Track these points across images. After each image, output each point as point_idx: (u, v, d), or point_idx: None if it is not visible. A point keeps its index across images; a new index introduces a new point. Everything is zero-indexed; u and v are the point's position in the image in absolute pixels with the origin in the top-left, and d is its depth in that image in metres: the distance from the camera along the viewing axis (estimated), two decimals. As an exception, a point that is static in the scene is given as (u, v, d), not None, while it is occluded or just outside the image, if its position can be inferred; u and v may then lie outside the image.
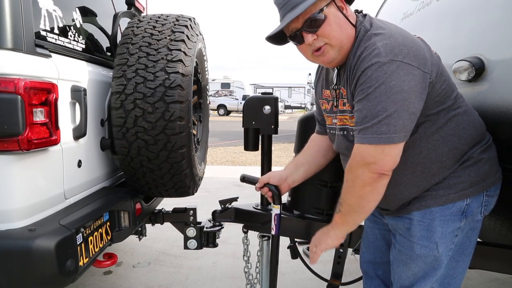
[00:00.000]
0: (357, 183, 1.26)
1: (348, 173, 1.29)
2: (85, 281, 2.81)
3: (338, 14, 1.28)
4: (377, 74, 1.17)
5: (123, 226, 1.98)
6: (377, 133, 1.18)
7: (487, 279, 2.92)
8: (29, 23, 1.48)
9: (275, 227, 1.78)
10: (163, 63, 1.88)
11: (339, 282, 2.00)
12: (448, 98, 1.30)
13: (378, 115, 1.17)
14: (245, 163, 8.05)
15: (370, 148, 1.21)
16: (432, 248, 1.34)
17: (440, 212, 1.33)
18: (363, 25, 1.30)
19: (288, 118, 24.98)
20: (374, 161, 1.21)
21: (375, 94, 1.17)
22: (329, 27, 1.27)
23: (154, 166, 1.96)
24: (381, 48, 1.19)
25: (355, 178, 1.26)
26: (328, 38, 1.28)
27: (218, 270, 3.06)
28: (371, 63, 1.19)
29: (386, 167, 1.22)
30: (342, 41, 1.29)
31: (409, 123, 1.20)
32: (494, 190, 1.38)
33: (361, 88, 1.21)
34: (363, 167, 1.23)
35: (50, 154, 1.58)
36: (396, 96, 1.16)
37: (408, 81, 1.17)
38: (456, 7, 1.90)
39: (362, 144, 1.22)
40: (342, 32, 1.28)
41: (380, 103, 1.17)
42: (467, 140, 1.33)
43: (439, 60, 1.32)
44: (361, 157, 1.23)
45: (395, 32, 1.24)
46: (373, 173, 1.22)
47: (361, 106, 1.22)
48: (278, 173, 1.72)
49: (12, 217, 1.43)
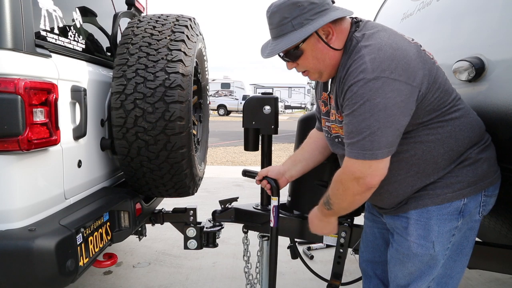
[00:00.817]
0: (348, 193, 1.33)
1: (338, 183, 1.35)
2: (85, 281, 2.81)
3: (317, 46, 1.30)
4: (362, 91, 1.18)
5: (123, 226, 1.98)
6: (362, 149, 1.22)
7: (487, 279, 2.92)
8: (29, 23, 1.48)
9: (273, 219, 1.83)
10: (163, 63, 1.88)
11: (339, 282, 2.00)
12: (442, 105, 1.29)
13: (362, 132, 1.20)
14: (245, 163, 8.05)
15: (358, 164, 1.25)
16: (429, 247, 1.34)
17: (437, 211, 1.33)
18: (355, 36, 1.29)
19: (288, 118, 24.99)
20: (363, 176, 1.25)
21: (360, 111, 1.19)
22: (306, 60, 1.34)
23: (154, 166, 1.96)
24: (368, 63, 1.18)
25: (345, 189, 1.32)
26: (306, 68, 1.37)
27: (218, 270, 3.06)
28: (358, 79, 1.19)
29: (374, 182, 1.27)
30: (321, 68, 1.35)
31: (393, 139, 1.22)
32: (492, 190, 1.38)
33: (347, 103, 1.24)
34: (353, 181, 1.28)
35: (50, 154, 1.58)
36: (380, 113, 1.17)
37: (393, 98, 1.17)
38: (456, 7, 1.90)
39: (350, 158, 1.26)
40: (319, 62, 1.33)
41: (365, 121, 1.19)
42: (464, 141, 1.33)
43: (433, 66, 1.28)
44: (350, 172, 1.28)
45: (386, 43, 1.21)
46: (361, 186, 1.28)
47: (347, 121, 1.25)
48: (276, 167, 1.80)
49: (12, 217, 1.43)
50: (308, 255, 3.30)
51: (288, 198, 2.24)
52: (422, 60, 1.24)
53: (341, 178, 1.33)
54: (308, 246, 3.45)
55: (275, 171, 1.78)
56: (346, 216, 2.05)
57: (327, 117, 1.50)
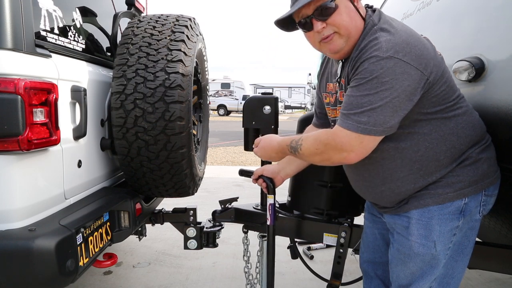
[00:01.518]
0: (323, 157, 1.32)
1: (320, 144, 1.32)
2: (85, 281, 2.81)
3: (349, 5, 1.30)
4: (373, 68, 1.19)
5: (123, 226, 1.98)
6: (357, 122, 1.21)
7: (487, 279, 2.92)
8: (29, 23, 1.48)
9: (270, 217, 1.82)
10: (163, 63, 1.88)
11: (339, 282, 2.00)
12: (447, 100, 1.31)
13: (363, 106, 1.20)
14: (245, 163, 8.05)
15: (349, 136, 1.23)
16: (430, 247, 1.34)
17: (438, 210, 1.33)
18: (372, 19, 1.31)
19: (288, 118, 24.99)
20: (349, 150, 1.25)
21: (366, 86, 1.20)
22: (340, 16, 1.28)
23: (154, 166, 1.96)
24: (383, 43, 1.20)
25: (323, 152, 1.31)
26: (338, 27, 1.30)
27: (218, 270, 3.06)
28: (370, 56, 1.20)
29: (358, 158, 1.27)
30: (351, 32, 1.30)
31: (390, 120, 1.21)
32: (492, 189, 1.39)
33: (355, 77, 1.24)
34: (337, 151, 1.27)
35: (50, 154, 1.58)
36: (385, 92, 1.18)
37: (402, 80, 1.18)
38: (456, 7, 1.90)
39: (343, 128, 1.24)
40: (351, 23, 1.30)
41: (368, 96, 1.19)
42: (466, 140, 1.33)
43: (442, 61, 1.32)
44: (340, 142, 1.26)
45: (401, 29, 1.26)
46: (342, 159, 1.28)
47: (350, 93, 1.25)
48: (271, 166, 1.82)
49: (12, 217, 1.43)
50: (308, 255, 3.30)
51: (288, 198, 2.24)
52: (433, 52, 1.28)
53: (326, 143, 1.30)
54: (308, 246, 3.45)
55: (270, 170, 1.79)
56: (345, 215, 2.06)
57: (334, 107, 1.50)
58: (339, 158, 1.28)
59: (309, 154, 1.37)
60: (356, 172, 1.49)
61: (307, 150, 1.37)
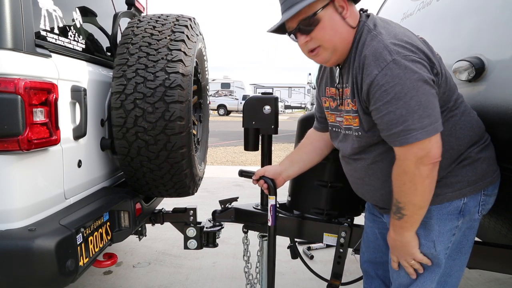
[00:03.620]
0: (417, 181, 1.23)
1: (402, 176, 1.26)
2: (85, 281, 2.81)
3: (334, 17, 1.28)
4: (397, 72, 1.16)
5: (123, 226, 1.98)
6: (422, 128, 1.17)
7: (487, 279, 2.92)
8: (29, 23, 1.48)
9: (271, 218, 1.83)
10: (163, 63, 1.88)
11: (339, 282, 2.00)
12: (447, 100, 1.31)
13: (415, 110, 1.16)
14: (245, 163, 8.05)
15: (416, 144, 1.19)
16: (430, 247, 1.34)
17: (437, 210, 1.33)
18: (367, 25, 1.29)
19: (288, 118, 24.99)
20: (426, 154, 1.20)
21: (404, 91, 1.16)
22: (323, 31, 1.27)
23: (154, 166, 1.96)
24: (391, 47, 1.19)
25: (412, 177, 1.24)
26: (321, 41, 1.29)
27: (218, 270, 3.06)
28: (387, 63, 1.18)
29: (437, 155, 1.22)
30: (336, 44, 1.30)
31: (439, 108, 1.22)
32: (492, 189, 1.39)
33: (383, 89, 1.19)
34: (417, 163, 1.21)
35: (50, 154, 1.58)
36: (424, 87, 1.17)
37: (422, 72, 1.18)
38: (456, 7, 1.90)
39: (406, 145, 1.20)
40: (335, 36, 1.28)
41: (413, 98, 1.16)
42: (464, 140, 1.33)
43: (440, 61, 1.33)
44: (411, 155, 1.21)
45: (398, 32, 1.26)
46: (428, 164, 1.21)
47: (391, 107, 1.19)
48: (273, 167, 1.79)
49: (12, 217, 1.43)
50: (308, 255, 3.30)
51: (288, 198, 2.24)
52: (430, 52, 1.29)
53: (404, 168, 1.24)
54: (308, 246, 3.45)
55: (272, 171, 1.77)
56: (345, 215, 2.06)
57: (336, 112, 1.48)
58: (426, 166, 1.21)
59: (408, 195, 1.26)
60: (356, 175, 1.49)
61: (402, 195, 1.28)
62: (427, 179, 1.23)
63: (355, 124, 1.35)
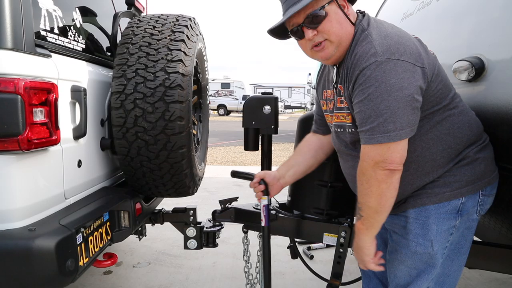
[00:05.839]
0: (373, 183, 1.26)
1: (361, 176, 1.30)
2: (85, 281, 2.81)
3: (339, 12, 1.30)
4: (376, 74, 1.19)
5: (123, 226, 1.98)
6: (385, 132, 1.20)
7: (487, 279, 2.92)
8: (29, 23, 1.48)
9: (264, 218, 1.81)
10: (163, 63, 1.88)
11: (339, 282, 2.00)
12: (444, 99, 1.31)
13: (383, 113, 1.19)
14: (245, 163, 8.05)
15: (376, 147, 1.22)
16: (427, 246, 1.35)
17: (435, 210, 1.34)
18: (361, 24, 1.32)
19: (288, 118, 24.98)
20: (382, 159, 1.23)
21: (377, 93, 1.19)
22: (330, 23, 1.29)
23: (154, 166, 1.96)
24: (378, 47, 1.21)
25: (369, 179, 1.27)
26: (328, 34, 1.31)
27: (218, 270, 3.06)
28: (369, 63, 1.20)
29: (395, 163, 1.23)
30: (342, 38, 1.31)
31: (413, 117, 1.22)
32: (490, 189, 1.39)
33: (360, 88, 1.23)
34: (374, 166, 1.24)
35: (50, 154, 1.58)
36: (397, 93, 1.18)
37: (407, 78, 1.18)
38: (456, 7, 1.90)
39: (370, 145, 1.24)
40: (341, 29, 1.31)
41: (383, 102, 1.18)
42: (462, 139, 1.34)
43: (435, 60, 1.33)
44: (370, 158, 1.25)
45: (391, 31, 1.26)
46: (384, 170, 1.23)
47: (363, 106, 1.23)
48: (273, 173, 1.76)
49: (12, 217, 1.43)
50: (308, 255, 3.30)
51: (288, 198, 2.24)
52: (424, 51, 1.28)
53: (362, 168, 1.28)
54: (308, 246, 3.45)
55: (271, 176, 1.73)
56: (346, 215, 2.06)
57: (331, 113, 1.49)
58: (382, 171, 1.23)
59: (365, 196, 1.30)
60: (354, 174, 1.49)
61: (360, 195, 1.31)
62: (383, 183, 1.25)
63: (348, 121, 1.37)
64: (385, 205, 1.29)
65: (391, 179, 1.25)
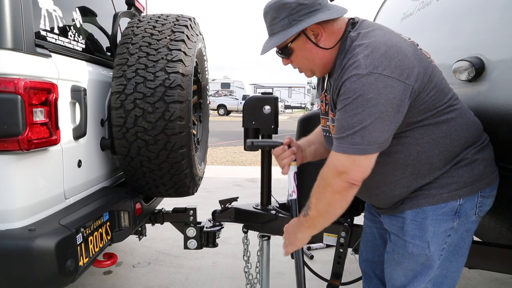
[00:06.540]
0: (328, 190, 1.29)
1: (320, 179, 1.32)
2: (85, 281, 2.81)
3: (306, 46, 1.34)
4: (355, 86, 1.19)
5: (123, 226, 1.98)
6: (352, 144, 1.21)
7: (487, 279, 2.92)
8: (29, 23, 1.48)
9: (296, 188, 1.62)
10: (163, 63, 1.88)
11: (339, 282, 2.00)
12: (437, 104, 1.29)
13: (354, 126, 1.20)
14: (245, 163, 8.05)
15: (342, 157, 1.24)
16: (424, 247, 1.34)
17: (433, 211, 1.33)
18: (350, 36, 1.30)
19: (288, 118, 24.98)
20: (345, 171, 1.24)
21: (352, 105, 1.20)
22: (296, 59, 1.38)
23: (154, 166, 1.96)
24: (362, 60, 1.20)
25: (326, 185, 1.29)
26: (298, 65, 1.41)
27: (218, 270, 3.06)
28: (351, 75, 1.21)
29: (356, 178, 1.25)
30: (312, 67, 1.39)
31: (383, 135, 1.21)
32: (489, 191, 1.37)
33: (341, 98, 1.24)
34: (335, 175, 1.26)
35: (50, 154, 1.58)
36: (373, 109, 1.17)
37: (386, 94, 1.17)
38: (456, 7, 1.90)
39: (336, 152, 1.25)
40: (309, 62, 1.38)
41: (357, 115, 1.19)
42: (459, 142, 1.32)
43: (429, 65, 1.29)
44: (334, 166, 1.26)
45: (380, 41, 1.23)
46: (343, 182, 1.25)
47: (339, 116, 1.24)
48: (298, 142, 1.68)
49: (12, 217, 1.43)
50: (308, 255, 3.30)
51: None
52: (417, 58, 1.25)
53: (324, 172, 1.30)
54: (308, 246, 3.45)
55: (297, 144, 1.66)
56: (346, 215, 2.06)
57: (326, 117, 1.50)
58: (342, 183, 1.25)
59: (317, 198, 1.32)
60: None
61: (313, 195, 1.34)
62: (337, 194, 1.27)
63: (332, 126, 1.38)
64: (332, 214, 1.33)
65: (347, 192, 1.27)
